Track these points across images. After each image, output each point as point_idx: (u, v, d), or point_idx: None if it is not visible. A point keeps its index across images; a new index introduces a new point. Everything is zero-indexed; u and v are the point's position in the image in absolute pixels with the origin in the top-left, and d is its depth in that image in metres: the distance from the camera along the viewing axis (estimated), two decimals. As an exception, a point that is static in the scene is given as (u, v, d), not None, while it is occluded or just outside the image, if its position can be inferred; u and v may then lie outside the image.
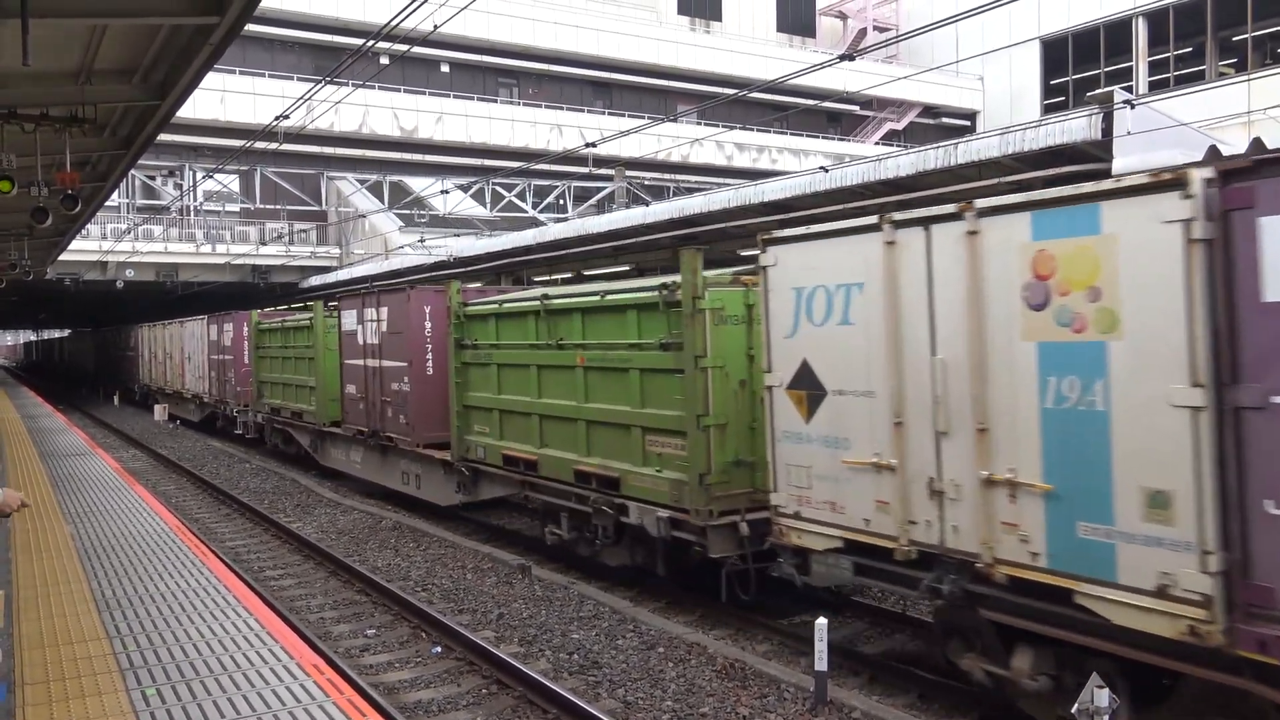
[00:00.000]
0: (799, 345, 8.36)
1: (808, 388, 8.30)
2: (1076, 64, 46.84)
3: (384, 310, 16.86)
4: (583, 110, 49.02)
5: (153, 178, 39.76)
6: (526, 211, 41.89)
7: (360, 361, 17.76)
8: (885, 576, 7.76)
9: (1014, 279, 6.61)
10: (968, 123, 56.48)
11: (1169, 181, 5.79)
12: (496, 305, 13.55)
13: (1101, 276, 6.10)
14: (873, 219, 7.76)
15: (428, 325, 15.73)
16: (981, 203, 6.90)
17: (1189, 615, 5.67)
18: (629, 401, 10.75)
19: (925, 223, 7.30)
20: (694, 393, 9.59)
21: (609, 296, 11.25)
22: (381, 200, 40.26)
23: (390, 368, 16.55)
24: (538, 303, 12.34)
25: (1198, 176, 5.64)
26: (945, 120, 57.23)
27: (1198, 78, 40.77)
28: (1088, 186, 6.32)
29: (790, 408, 8.47)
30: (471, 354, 14.01)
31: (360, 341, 17.75)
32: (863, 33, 58.23)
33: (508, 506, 16.05)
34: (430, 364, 15.75)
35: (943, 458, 7.15)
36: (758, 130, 50.30)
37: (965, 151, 13.75)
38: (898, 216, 7.54)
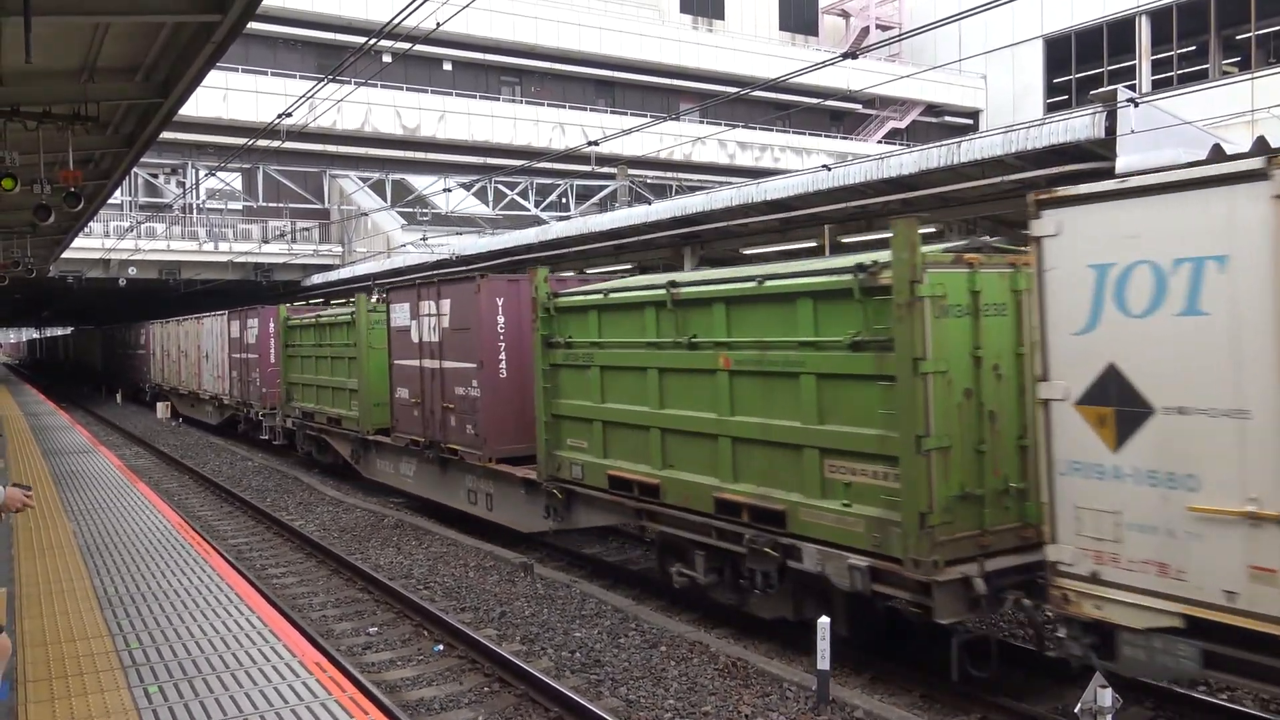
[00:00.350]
0: (1099, 344, 6.31)
1: (1118, 403, 6.24)
2: (1079, 63, 46.77)
3: (446, 303, 14.82)
4: (585, 109, 49.02)
5: (155, 175, 39.78)
6: (529, 210, 41.88)
7: (415, 362, 15.78)
8: (1258, 673, 5.82)
9: None
10: (970, 121, 56.45)
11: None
12: (600, 296, 11.37)
13: None
14: (1255, 163, 5.63)
15: (500, 320, 13.81)
16: None
17: None
18: (799, 415, 8.56)
19: None
20: (911, 406, 7.43)
21: (770, 283, 8.96)
22: (384, 198, 40.27)
23: (454, 369, 14.59)
24: (662, 292, 10.10)
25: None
26: (948, 119, 57.19)
27: (1201, 76, 40.72)
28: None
29: (1085, 430, 6.41)
30: (564, 354, 11.85)
31: (415, 339, 15.76)
32: (865, 31, 58.20)
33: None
34: (504, 365, 13.82)
35: None
36: (760, 129, 50.28)
37: (968, 150, 13.73)
38: None
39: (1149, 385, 6.05)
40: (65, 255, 28.58)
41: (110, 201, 23.90)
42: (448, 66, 46.96)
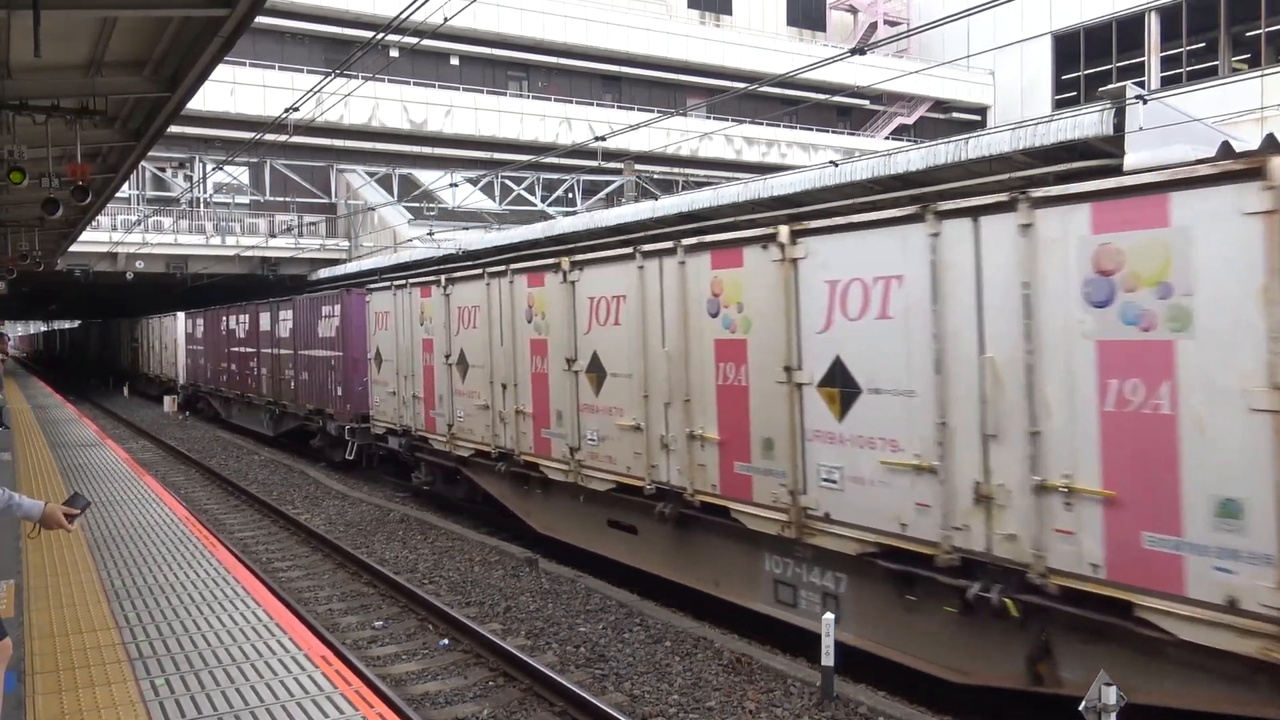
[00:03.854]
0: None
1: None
2: (1088, 59, 46.59)
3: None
4: (592, 104, 48.98)
5: (163, 169, 39.87)
6: (535, 205, 41.88)
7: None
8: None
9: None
10: (978, 118, 56.29)
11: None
12: None
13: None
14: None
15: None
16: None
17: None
18: None
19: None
20: None
21: None
22: (390, 193, 40.29)
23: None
24: None
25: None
26: (956, 115, 57.04)
27: (1210, 73, 40.53)
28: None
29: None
30: None
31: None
32: (873, 27, 58.04)
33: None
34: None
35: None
36: (767, 124, 50.21)
37: (976, 146, 13.67)
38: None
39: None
40: (73, 249, 28.64)
41: (118, 195, 23.97)
42: (455, 61, 46.94)
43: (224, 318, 30.18)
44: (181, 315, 36.14)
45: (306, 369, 22.44)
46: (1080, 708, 6.12)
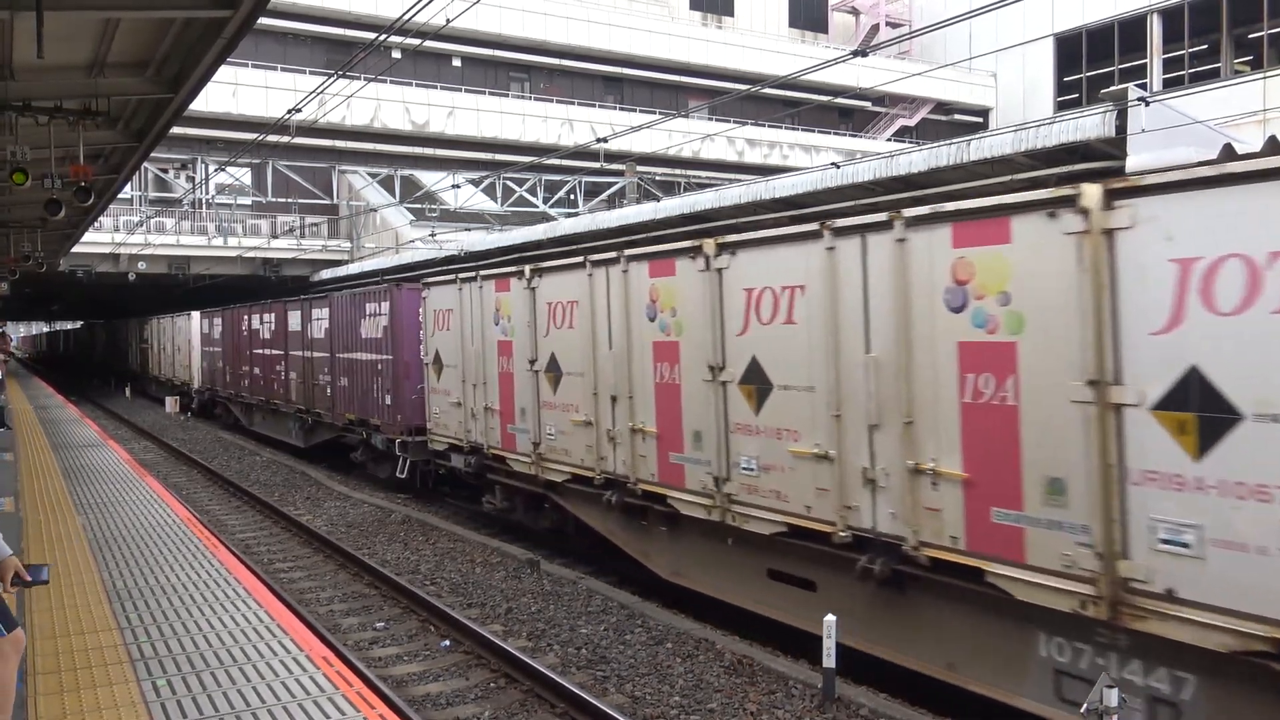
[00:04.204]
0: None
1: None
2: (1090, 61, 46.59)
3: None
4: (594, 105, 49.00)
5: (165, 170, 39.90)
6: (537, 206, 41.88)
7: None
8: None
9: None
10: (980, 119, 56.26)
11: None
12: None
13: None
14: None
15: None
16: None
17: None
18: None
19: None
20: None
21: None
22: (393, 194, 40.30)
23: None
24: None
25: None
26: (958, 117, 57.03)
27: (1212, 75, 40.51)
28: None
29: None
30: None
31: None
32: (875, 28, 58.03)
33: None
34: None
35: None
36: (769, 126, 50.18)
37: (978, 148, 13.68)
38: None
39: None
40: (75, 250, 28.65)
41: (120, 196, 24.01)
42: (457, 63, 46.97)
43: (246, 317, 27.83)
44: (196, 315, 34.19)
45: (346, 374, 19.94)
46: (1082, 710, 6.11)
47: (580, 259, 11.72)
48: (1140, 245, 6.18)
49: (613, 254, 11.15)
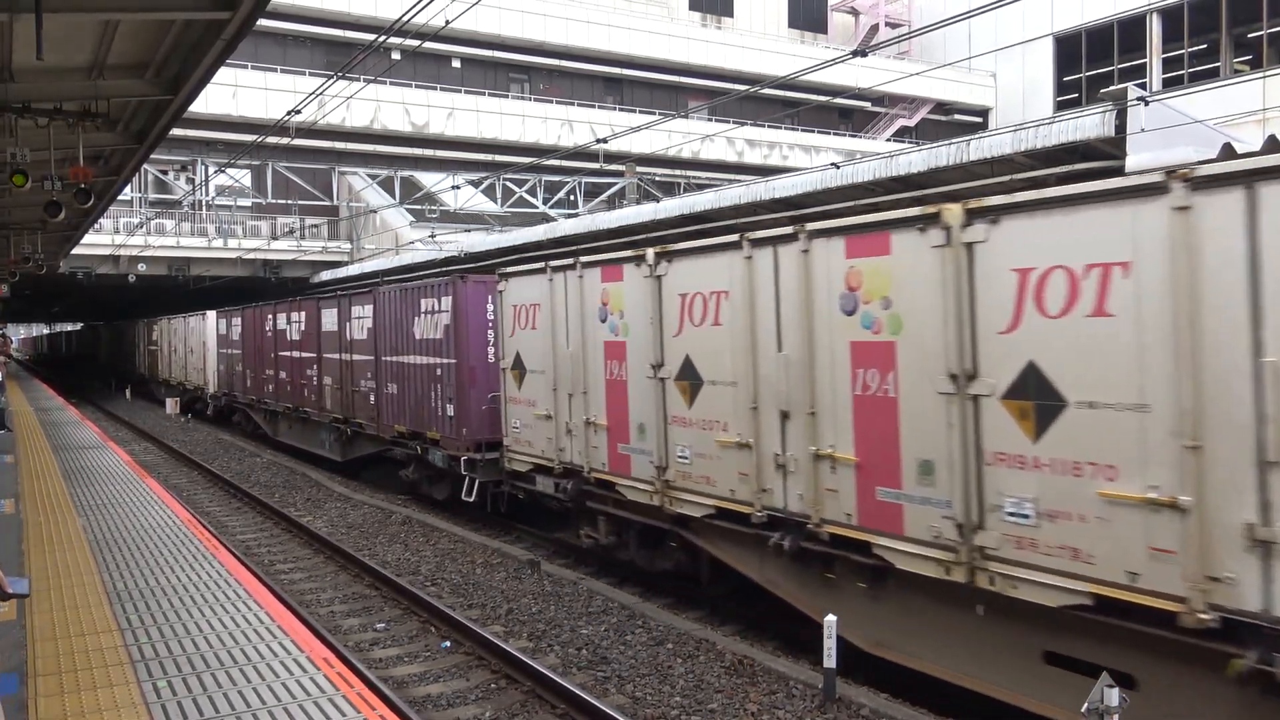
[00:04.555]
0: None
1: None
2: (1090, 60, 46.59)
3: None
4: (594, 106, 49.02)
5: (165, 172, 39.92)
6: (537, 207, 41.90)
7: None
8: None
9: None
10: (980, 119, 56.28)
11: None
12: None
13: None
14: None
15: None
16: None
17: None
18: None
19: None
20: None
21: None
22: (392, 195, 40.32)
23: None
24: None
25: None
26: (957, 117, 57.04)
27: (1212, 74, 40.51)
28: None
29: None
30: None
31: None
32: (875, 29, 58.05)
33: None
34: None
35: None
36: (769, 126, 50.19)
37: (977, 148, 13.69)
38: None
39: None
40: (75, 251, 28.68)
41: (120, 198, 24.01)
42: (456, 64, 46.98)
43: (270, 316, 25.30)
44: (212, 314, 31.84)
45: (395, 380, 17.60)
46: (1083, 709, 6.11)
47: (735, 237, 9.46)
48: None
49: (789, 229, 8.88)
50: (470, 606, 10.88)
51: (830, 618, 7.90)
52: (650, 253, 10.54)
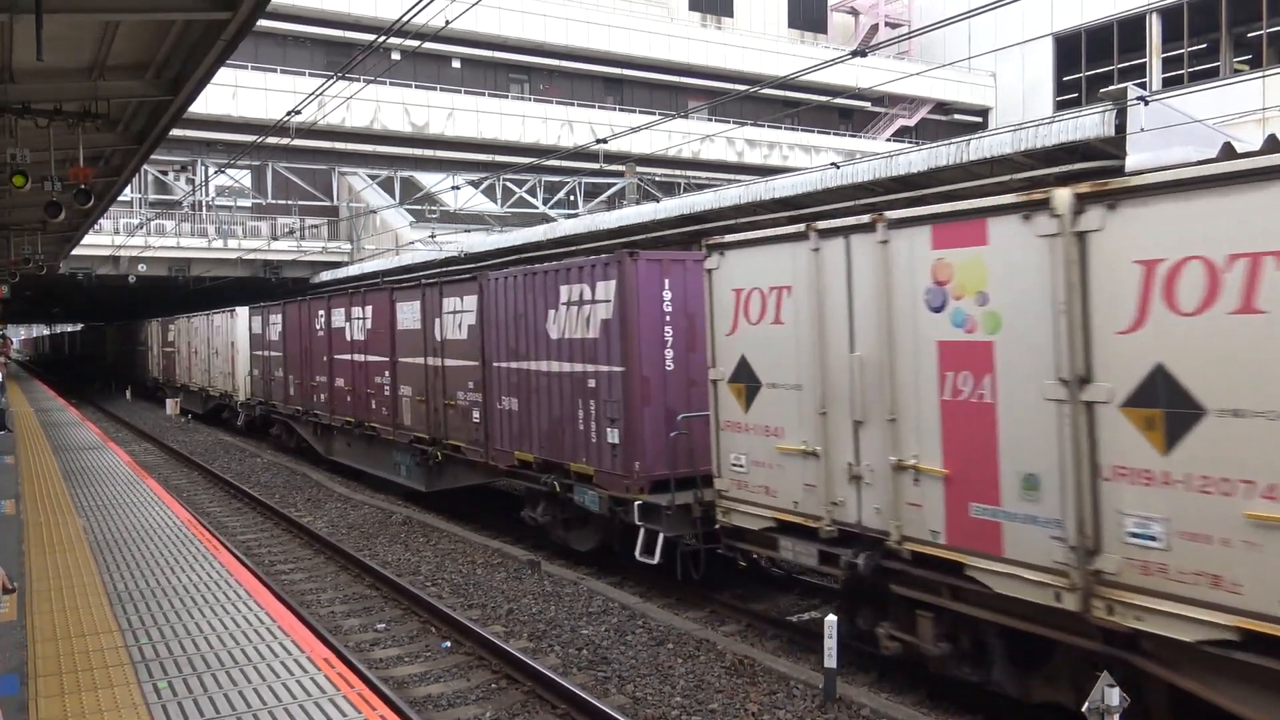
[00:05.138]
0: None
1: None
2: (1090, 60, 46.60)
3: None
4: (594, 106, 49.04)
5: (165, 173, 39.95)
6: (537, 207, 41.93)
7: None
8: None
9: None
10: (980, 119, 56.32)
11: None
12: None
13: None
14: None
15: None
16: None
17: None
18: None
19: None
20: None
21: None
22: (393, 196, 40.36)
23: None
24: None
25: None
26: (957, 117, 57.07)
27: (1212, 74, 40.52)
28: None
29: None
30: None
31: None
32: (874, 29, 58.08)
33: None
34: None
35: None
36: (769, 126, 50.23)
37: (977, 148, 13.71)
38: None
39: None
40: (75, 252, 28.71)
41: (120, 198, 24.01)
42: (456, 64, 47.01)
43: (322, 312, 21.47)
44: (243, 311, 27.99)
45: (516, 393, 13.71)
46: (1084, 709, 6.11)
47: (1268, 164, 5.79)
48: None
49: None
50: (470, 607, 10.88)
51: (830, 617, 7.90)
52: (1064, 195, 6.60)
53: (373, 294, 19.21)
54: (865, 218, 8.12)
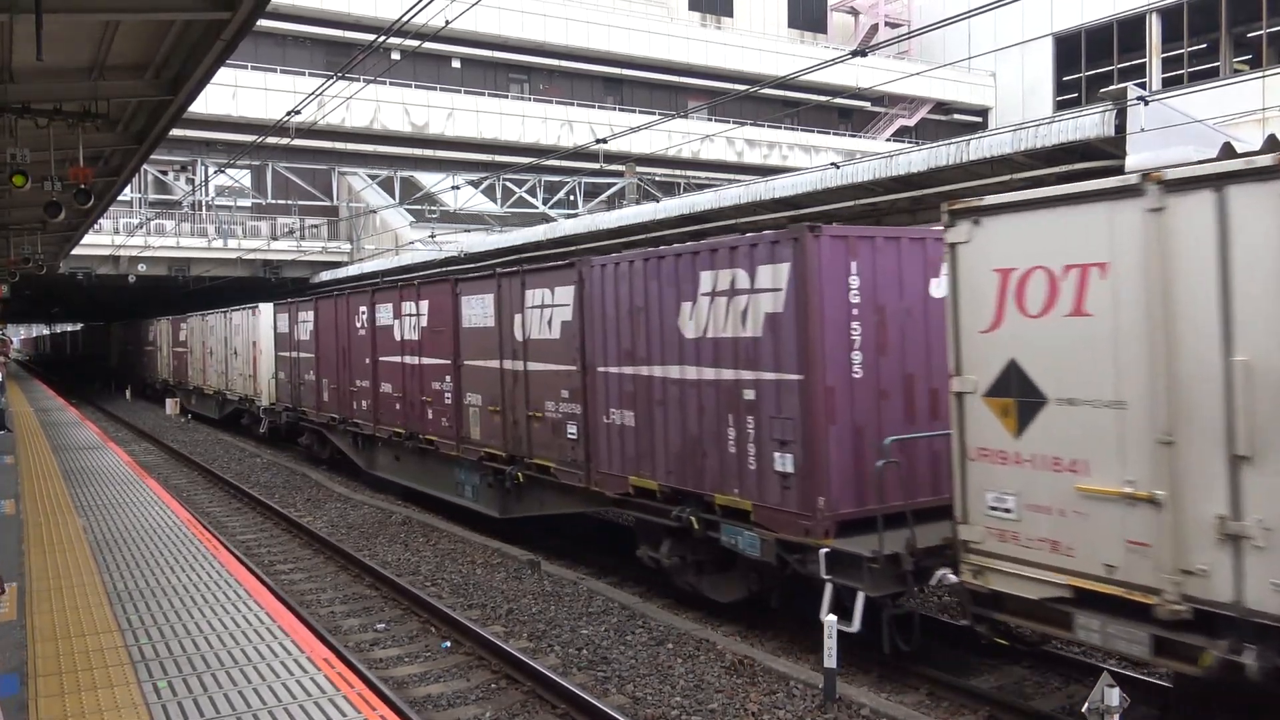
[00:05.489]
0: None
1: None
2: (1089, 60, 46.60)
3: None
4: (593, 106, 49.05)
5: (165, 173, 39.95)
6: (537, 207, 41.93)
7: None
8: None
9: None
10: (980, 119, 56.32)
11: None
12: None
13: None
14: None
15: None
16: None
17: None
18: None
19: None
20: None
21: None
22: (392, 196, 40.36)
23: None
24: None
25: None
26: (957, 116, 57.08)
27: (1212, 74, 40.52)
28: None
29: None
30: None
31: None
32: (874, 28, 58.08)
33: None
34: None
35: None
36: (768, 126, 50.24)
37: (978, 148, 13.71)
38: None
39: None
40: (75, 252, 28.70)
41: (120, 198, 24.02)
42: (456, 64, 47.00)
43: (364, 309, 18.96)
44: (268, 308, 25.91)
45: (631, 404, 11.23)
46: (1084, 709, 6.11)
47: None
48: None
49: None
50: (470, 607, 10.88)
51: (830, 617, 7.89)
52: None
53: (429, 287, 16.61)
54: (1266, 159, 5.71)
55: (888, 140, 55.37)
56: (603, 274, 11.69)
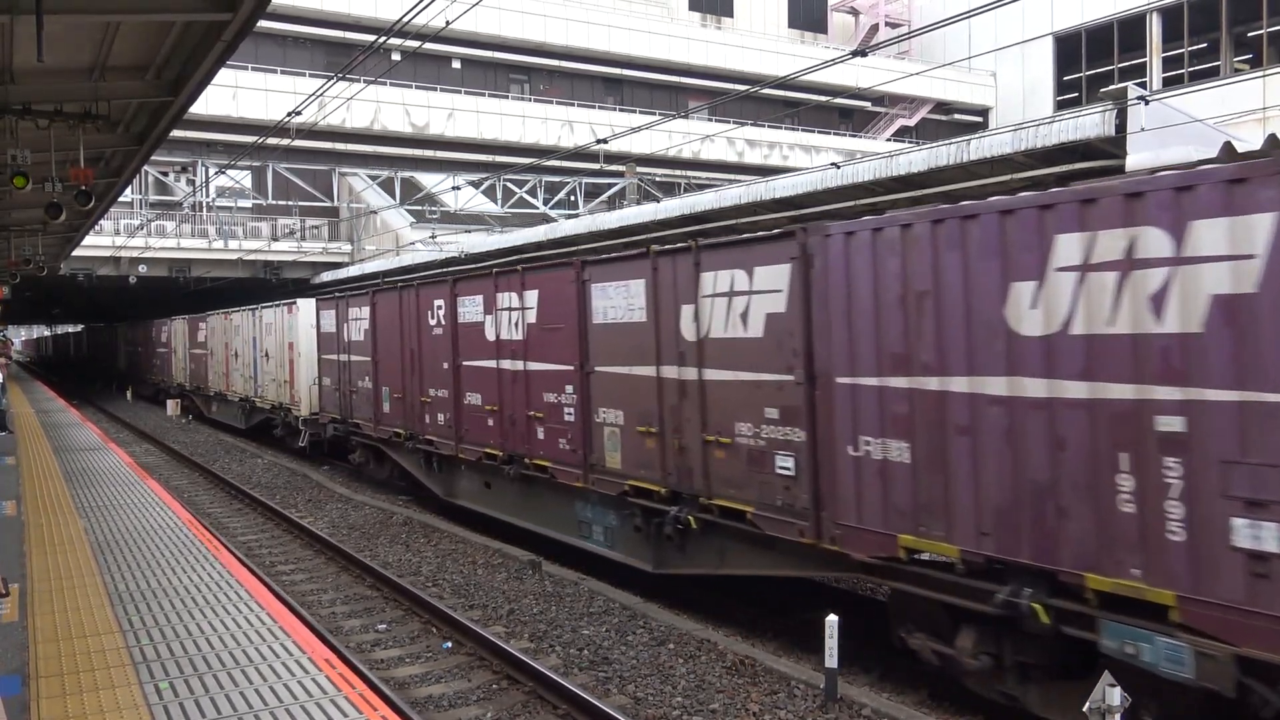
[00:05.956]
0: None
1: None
2: (1090, 60, 46.60)
3: None
4: (594, 106, 49.05)
5: (165, 174, 39.95)
6: (537, 208, 41.93)
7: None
8: None
9: None
10: (980, 119, 56.31)
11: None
12: None
13: None
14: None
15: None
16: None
17: None
18: None
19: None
20: None
21: None
22: (393, 196, 40.36)
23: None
24: None
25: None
26: (957, 116, 57.06)
27: (1212, 74, 40.51)
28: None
29: None
30: None
31: None
32: (875, 29, 58.07)
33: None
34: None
35: None
36: (769, 127, 50.24)
37: (978, 148, 13.69)
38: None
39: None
40: (76, 253, 28.72)
41: (120, 199, 24.01)
42: (456, 64, 47.00)
43: (441, 302, 15.79)
44: (308, 304, 22.84)
45: (900, 431, 7.98)
46: (1084, 708, 6.11)
47: None
48: None
49: None
50: (471, 607, 10.88)
51: (831, 617, 7.89)
52: None
53: (539, 274, 13.35)
54: None
55: (888, 140, 55.36)
56: (849, 245, 8.50)
